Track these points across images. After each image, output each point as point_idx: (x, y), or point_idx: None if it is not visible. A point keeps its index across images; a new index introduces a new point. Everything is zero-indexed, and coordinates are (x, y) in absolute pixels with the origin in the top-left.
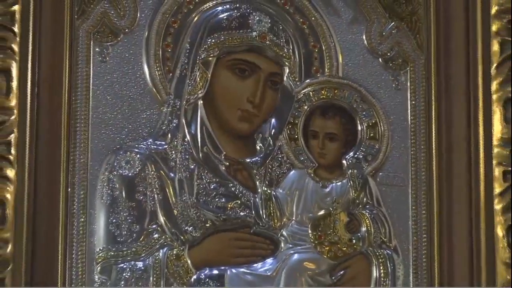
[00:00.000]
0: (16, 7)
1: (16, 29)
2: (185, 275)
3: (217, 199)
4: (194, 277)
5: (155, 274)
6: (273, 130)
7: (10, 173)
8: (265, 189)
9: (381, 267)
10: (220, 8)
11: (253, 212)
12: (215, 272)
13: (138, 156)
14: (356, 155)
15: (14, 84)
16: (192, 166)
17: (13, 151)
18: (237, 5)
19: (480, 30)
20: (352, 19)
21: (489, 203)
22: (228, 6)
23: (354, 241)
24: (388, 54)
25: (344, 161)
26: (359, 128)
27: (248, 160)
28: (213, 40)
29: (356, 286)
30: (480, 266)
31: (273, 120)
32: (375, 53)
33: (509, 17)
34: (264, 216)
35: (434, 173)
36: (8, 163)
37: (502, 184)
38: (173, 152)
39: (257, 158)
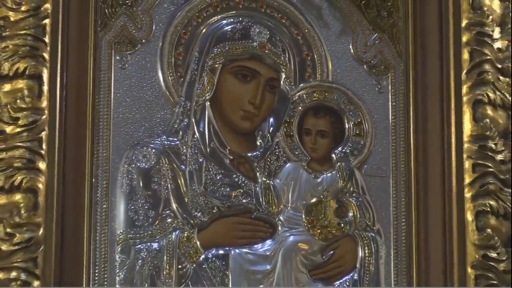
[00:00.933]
0: (47, 21)
1: (47, 39)
2: (194, 255)
3: (222, 188)
4: (203, 256)
5: (168, 254)
6: (271, 128)
7: (42, 165)
8: (265, 179)
9: (366, 248)
10: (225, 21)
11: (254, 199)
12: (221, 252)
13: (153, 150)
14: (344, 150)
15: (45, 88)
16: (200, 160)
17: (44, 146)
18: (240, 19)
19: (452, 40)
20: (340, 31)
21: (460, 192)
22: (232, 19)
23: (342, 225)
24: (372, 61)
25: (333, 155)
26: (347, 126)
27: (249, 154)
28: (219, 49)
29: (343, 265)
30: (452, 247)
31: (271, 119)
32: (360, 60)
33: (477, 29)
34: (264, 203)
35: (412, 166)
36: (40, 157)
37: (471, 175)
38: (184, 147)
39: (257, 152)
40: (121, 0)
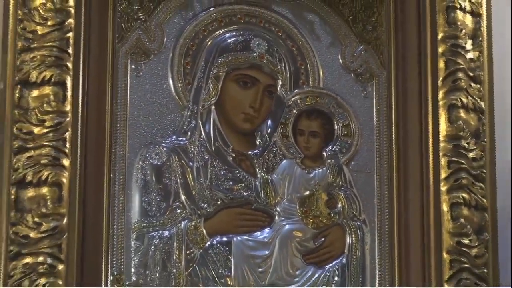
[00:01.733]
0: (70, 34)
1: (70, 51)
2: (201, 241)
3: (226, 183)
4: (208, 243)
5: (178, 240)
6: (269, 129)
7: (66, 162)
8: (263, 174)
9: (353, 235)
10: (228, 34)
11: (254, 192)
12: (224, 239)
13: (164, 149)
14: (333, 148)
15: (69, 93)
16: (206, 157)
17: (67, 145)
18: (241, 32)
19: (429, 51)
20: (330, 43)
21: (437, 185)
22: (234, 33)
23: (332, 215)
24: (358, 70)
25: (324, 153)
26: (336, 127)
27: (250, 152)
28: (222, 59)
29: (332, 250)
30: (430, 234)
31: (269, 121)
32: (348, 69)
33: (452, 42)
34: (262, 196)
35: (394, 162)
36: (64, 154)
37: (446, 171)
38: (192, 146)
39: (257, 150)
40: (136, 15)
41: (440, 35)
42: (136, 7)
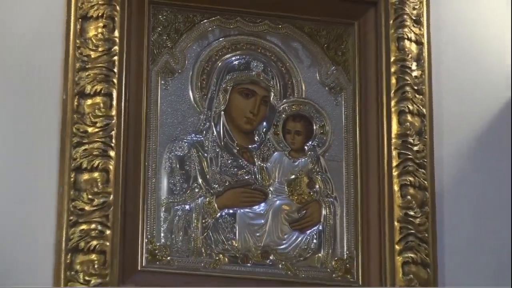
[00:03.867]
0: (115, 58)
1: (115, 70)
2: (213, 213)
3: (232, 169)
4: (218, 214)
5: (196, 212)
6: (264, 129)
7: (112, 153)
8: (260, 163)
9: (327, 208)
10: (233, 58)
11: (253, 176)
12: (231, 211)
13: (186, 144)
14: (312, 143)
15: (114, 102)
16: (217, 150)
17: (113, 141)
18: (243, 56)
19: (384, 70)
20: (310, 65)
21: (390, 171)
22: (238, 57)
23: (311, 193)
24: (331, 85)
25: (305, 147)
26: (314, 127)
27: (250, 146)
28: (229, 77)
29: (312, 220)
30: (384, 208)
31: (264, 123)
32: (324, 84)
33: (401, 63)
34: (259, 179)
35: (358, 154)
36: (111, 148)
37: (397, 160)
38: (207, 141)
39: (255, 145)
40: (165, 44)
41: (392, 58)
42: (164, 37)
